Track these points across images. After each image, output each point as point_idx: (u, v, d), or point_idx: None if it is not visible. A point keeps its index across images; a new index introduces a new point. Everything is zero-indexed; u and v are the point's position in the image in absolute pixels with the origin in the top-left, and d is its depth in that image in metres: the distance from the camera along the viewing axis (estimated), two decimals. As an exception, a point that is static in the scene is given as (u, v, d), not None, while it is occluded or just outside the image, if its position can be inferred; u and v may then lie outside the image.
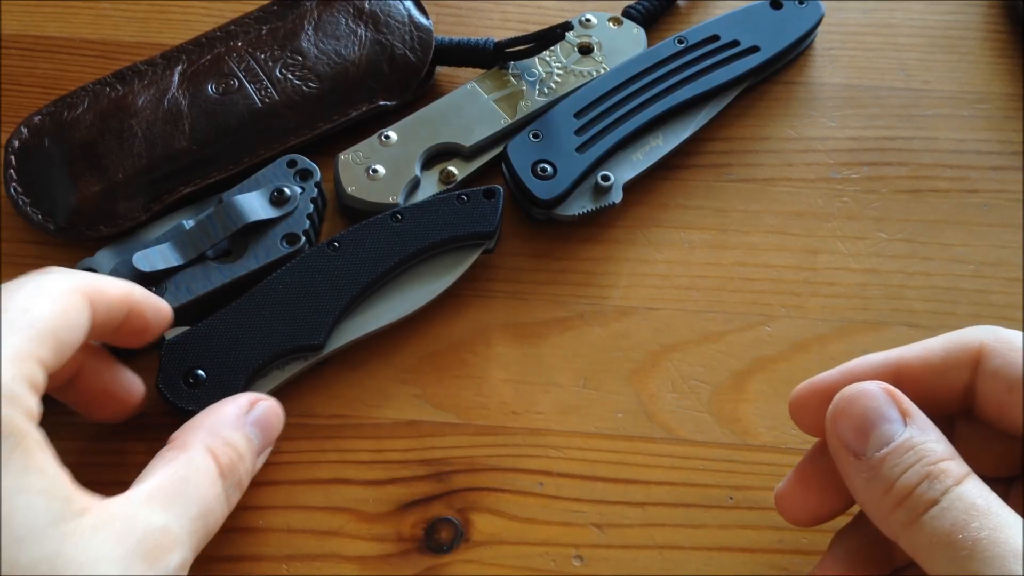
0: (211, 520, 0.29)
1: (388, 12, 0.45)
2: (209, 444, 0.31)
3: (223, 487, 0.30)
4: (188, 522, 0.28)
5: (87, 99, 0.43)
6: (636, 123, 0.43)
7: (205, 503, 0.29)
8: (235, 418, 0.32)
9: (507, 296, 0.41)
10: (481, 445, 0.38)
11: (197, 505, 0.29)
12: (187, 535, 0.28)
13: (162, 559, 0.27)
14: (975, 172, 0.44)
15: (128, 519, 0.27)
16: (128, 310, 0.32)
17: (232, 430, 0.32)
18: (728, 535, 0.36)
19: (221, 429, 0.32)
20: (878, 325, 0.40)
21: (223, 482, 0.30)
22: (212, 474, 0.30)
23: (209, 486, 0.30)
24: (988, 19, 0.49)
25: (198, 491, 0.29)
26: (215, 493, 0.30)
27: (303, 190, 0.41)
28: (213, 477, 0.30)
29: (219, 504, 0.30)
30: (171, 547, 0.27)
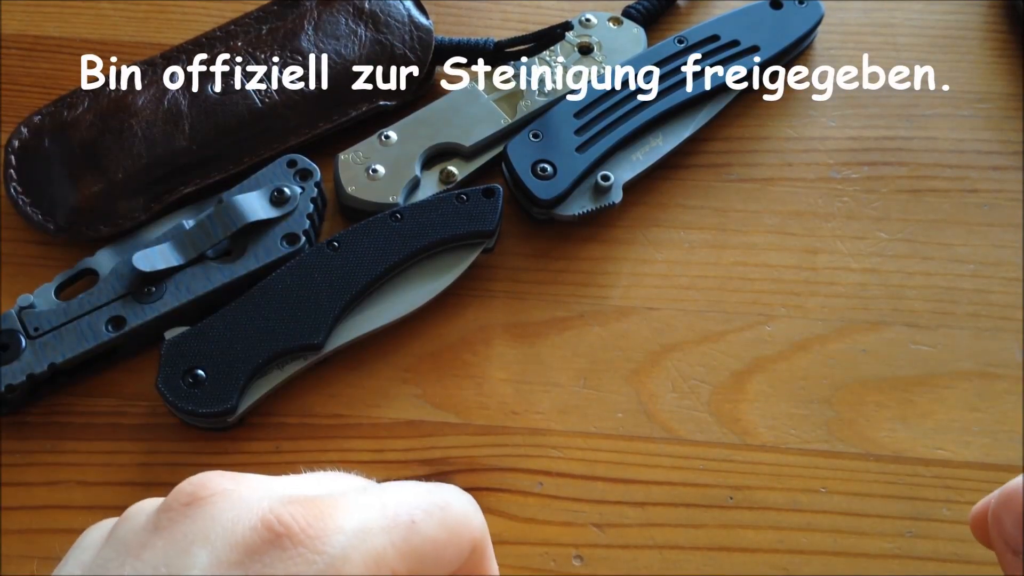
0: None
1: (388, 12, 0.45)
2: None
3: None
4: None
5: (87, 99, 0.43)
6: (636, 123, 0.42)
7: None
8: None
9: (507, 296, 0.41)
10: (481, 445, 0.38)
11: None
12: None
13: None
14: (975, 172, 0.44)
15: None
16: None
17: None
18: (728, 535, 0.36)
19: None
20: (878, 325, 0.40)
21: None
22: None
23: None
24: (988, 19, 0.49)
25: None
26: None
27: (303, 190, 0.41)
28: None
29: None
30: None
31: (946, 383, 0.39)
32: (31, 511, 0.36)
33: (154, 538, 0.21)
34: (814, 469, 0.37)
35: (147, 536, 0.21)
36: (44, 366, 0.37)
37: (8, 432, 0.38)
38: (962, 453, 0.37)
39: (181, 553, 0.20)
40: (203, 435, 0.38)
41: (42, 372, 0.37)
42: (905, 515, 0.36)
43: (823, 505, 0.36)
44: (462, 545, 0.23)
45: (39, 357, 0.37)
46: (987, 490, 0.36)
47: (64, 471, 0.37)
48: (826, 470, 0.37)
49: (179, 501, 0.21)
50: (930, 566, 0.35)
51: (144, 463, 0.37)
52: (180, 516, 0.21)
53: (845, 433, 0.38)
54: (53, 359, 0.37)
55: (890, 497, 0.37)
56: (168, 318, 0.38)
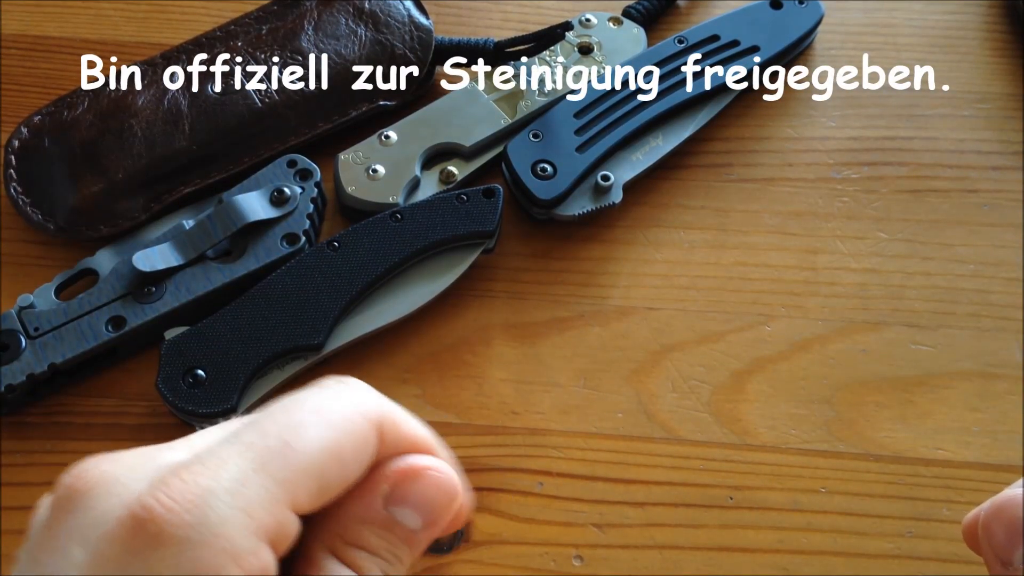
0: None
1: (388, 12, 0.45)
2: (334, 549, 0.22)
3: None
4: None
5: (87, 99, 0.43)
6: (636, 123, 0.42)
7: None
8: (364, 509, 0.22)
9: (507, 296, 0.41)
10: (481, 445, 0.38)
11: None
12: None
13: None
14: (975, 172, 0.44)
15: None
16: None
17: (362, 526, 0.22)
18: (728, 535, 0.36)
19: (345, 527, 0.22)
20: (878, 325, 0.40)
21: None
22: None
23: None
24: (988, 19, 0.49)
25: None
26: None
27: (303, 190, 0.41)
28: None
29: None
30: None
31: (946, 383, 0.39)
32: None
33: (43, 538, 0.21)
34: (814, 469, 0.37)
35: (40, 536, 0.21)
36: (44, 366, 0.37)
37: (8, 432, 0.38)
38: (962, 453, 0.37)
39: (61, 552, 0.20)
40: (203, 435, 0.38)
41: (42, 372, 0.37)
42: (905, 515, 0.36)
43: (823, 505, 0.36)
44: (360, 434, 0.21)
45: (39, 357, 0.37)
46: (987, 490, 0.36)
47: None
48: (826, 470, 0.37)
49: (59, 496, 0.21)
50: (930, 566, 0.35)
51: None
52: (60, 512, 0.21)
53: (845, 433, 0.38)
54: (53, 359, 0.37)
55: (890, 497, 0.37)
56: (168, 318, 0.38)
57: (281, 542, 0.20)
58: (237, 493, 0.19)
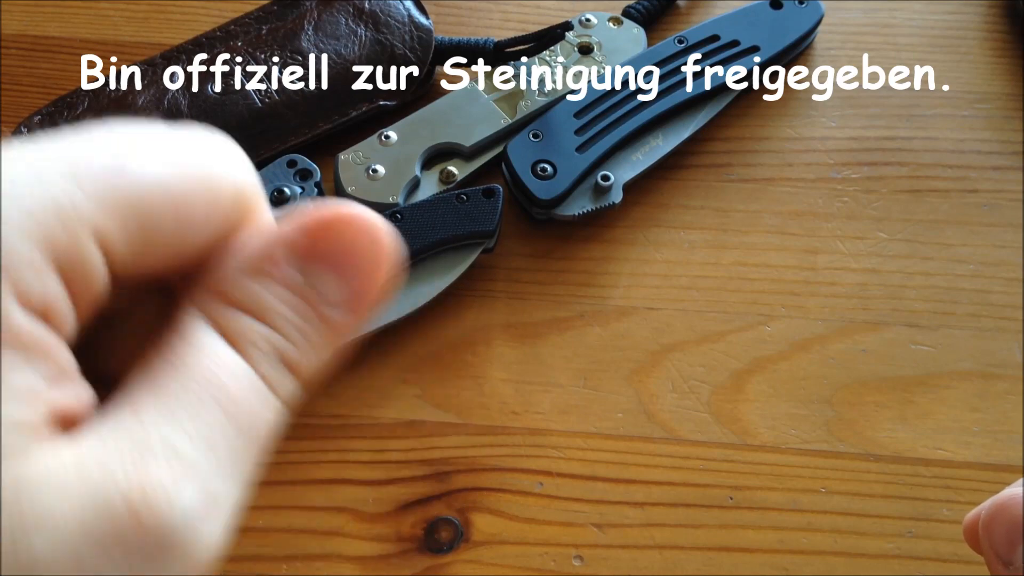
0: None
1: (388, 12, 0.45)
2: (211, 312, 0.16)
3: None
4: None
5: (87, 99, 0.43)
6: (636, 123, 0.42)
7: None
8: (260, 257, 0.16)
9: (507, 296, 0.41)
10: (481, 445, 0.38)
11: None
12: None
13: None
14: (975, 172, 0.44)
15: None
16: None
17: (254, 280, 0.16)
18: (728, 535, 0.36)
19: (232, 282, 0.16)
20: (878, 325, 0.40)
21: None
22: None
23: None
24: (988, 19, 0.49)
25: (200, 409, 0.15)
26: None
27: (303, 190, 0.41)
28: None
29: None
30: None
31: (946, 383, 0.39)
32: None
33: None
34: (814, 469, 0.37)
35: None
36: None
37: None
38: (962, 453, 0.37)
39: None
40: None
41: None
42: (905, 515, 0.36)
43: (823, 505, 0.36)
44: (218, 198, 0.16)
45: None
46: (987, 490, 0.36)
47: None
48: (826, 470, 0.37)
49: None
50: (930, 566, 0.35)
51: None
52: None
53: (845, 433, 0.38)
54: (53, 359, 0.37)
55: (890, 497, 0.37)
56: (168, 318, 0.38)
57: (80, 281, 0.14)
58: (26, 188, 0.14)
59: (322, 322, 0.16)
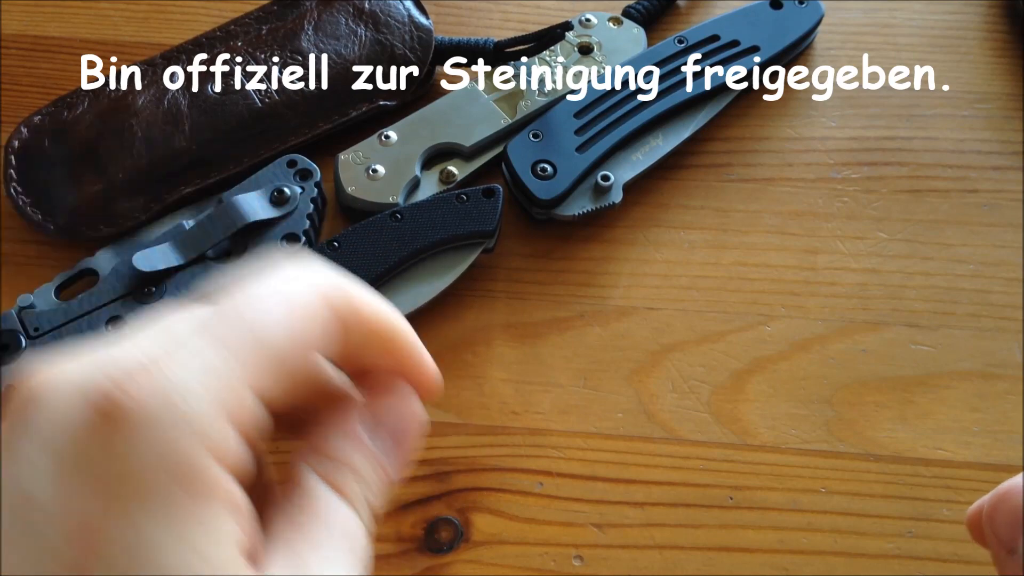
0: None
1: (388, 12, 0.45)
2: (326, 473, 0.21)
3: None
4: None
5: (87, 99, 0.43)
6: (636, 123, 0.42)
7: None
8: (350, 429, 0.22)
9: (507, 296, 0.41)
10: (481, 445, 0.38)
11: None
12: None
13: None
14: (975, 172, 0.44)
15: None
16: (387, 350, 0.23)
17: (350, 446, 0.22)
18: (728, 535, 0.36)
19: (336, 448, 0.22)
20: (878, 325, 0.40)
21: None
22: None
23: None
24: (988, 19, 0.49)
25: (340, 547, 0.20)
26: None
27: (303, 190, 0.41)
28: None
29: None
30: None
31: (946, 383, 0.39)
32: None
33: (5, 453, 0.18)
34: (814, 469, 0.37)
35: (3, 451, 0.19)
36: (44, 366, 0.37)
37: (8, 432, 0.38)
38: (962, 453, 0.37)
39: (24, 462, 0.18)
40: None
41: (42, 372, 0.36)
42: (905, 515, 0.36)
43: (823, 505, 0.36)
44: (321, 318, 0.20)
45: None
46: (987, 490, 0.36)
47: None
48: (826, 470, 0.37)
49: (10, 408, 0.19)
50: (930, 566, 0.35)
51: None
52: (13, 428, 0.19)
53: (845, 433, 0.38)
54: (53, 359, 0.37)
55: (890, 497, 0.37)
56: (168, 318, 0.38)
57: (251, 431, 0.19)
58: (200, 373, 0.18)
59: (384, 475, 0.21)
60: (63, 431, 0.18)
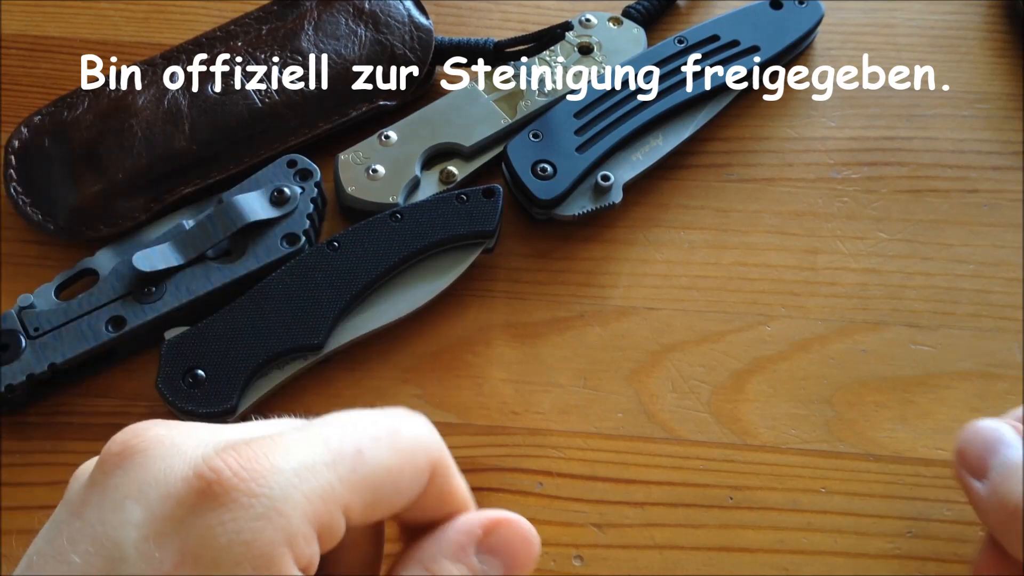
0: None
1: (388, 12, 0.45)
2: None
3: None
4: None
5: (87, 99, 0.43)
6: (636, 123, 0.42)
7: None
8: (457, 545, 0.23)
9: (507, 296, 0.41)
10: (481, 445, 0.38)
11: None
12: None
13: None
14: (975, 172, 0.44)
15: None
16: (451, 508, 0.25)
17: (452, 563, 0.23)
18: (728, 535, 0.36)
19: (437, 560, 0.23)
20: (878, 325, 0.40)
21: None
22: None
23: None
24: (988, 19, 0.49)
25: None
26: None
27: (303, 190, 0.41)
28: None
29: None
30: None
31: (946, 383, 0.39)
32: (31, 511, 0.36)
33: (91, 495, 0.20)
34: (814, 469, 0.37)
35: (87, 493, 0.20)
36: (44, 366, 0.37)
37: (8, 432, 0.38)
38: (962, 453, 0.37)
39: (115, 508, 0.19)
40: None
41: (42, 372, 0.37)
42: (905, 515, 0.36)
43: (823, 505, 0.36)
44: (418, 467, 0.22)
45: (39, 357, 0.37)
46: (987, 490, 0.36)
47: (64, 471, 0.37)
48: (826, 470, 0.37)
49: (112, 453, 0.21)
50: (930, 566, 0.35)
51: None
52: (113, 468, 0.20)
53: (845, 433, 0.38)
54: (53, 359, 0.37)
55: (890, 497, 0.37)
56: (168, 318, 0.38)
57: (328, 541, 0.20)
58: (304, 478, 0.20)
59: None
60: (162, 490, 0.19)
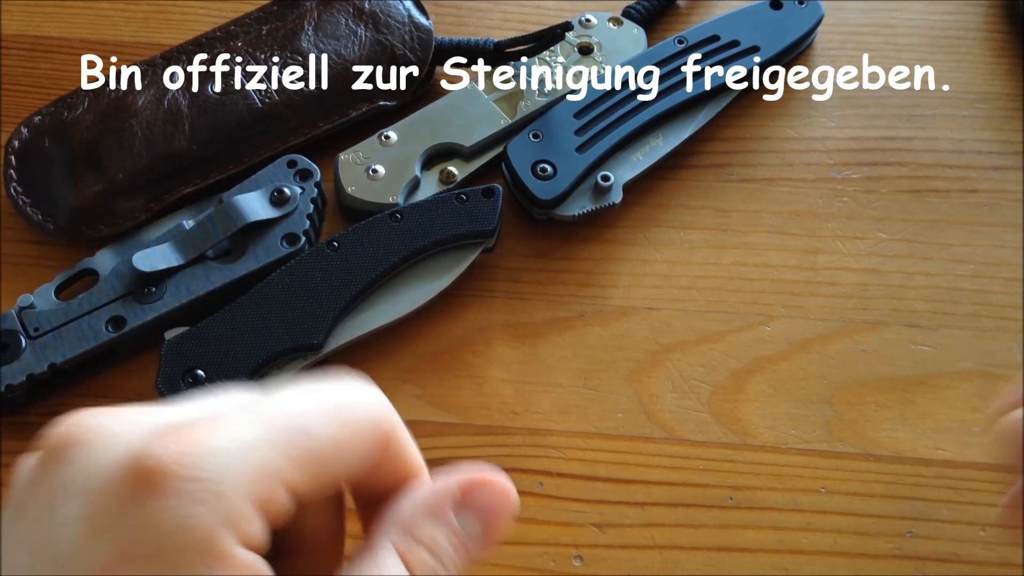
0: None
1: (388, 12, 0.45)
2: (398, 543, 0.22)
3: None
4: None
5: (87, 99, 0.43)
6: (636, 123, 0.42)
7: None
8: (435, 504, 0.23)
9: (507, 296, 0.41)
10: (481, 445, 0.38)
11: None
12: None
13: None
14: (975, 172, 0.44)
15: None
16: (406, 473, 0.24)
17: (431, 522, 0.22)
18: (728, 535, 0.36)
19: (415, 521, 0.22)
20: (878, 325, 0.40)
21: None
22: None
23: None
24: (988, 19, 0.49)
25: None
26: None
27: (303, 190, 0.41)
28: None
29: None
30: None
31: (946, 383, 0.39)
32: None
33: (32, 492, 0.20)
34: (814, 469, 0.37)
35: (28, 490, 0.20)
36: (44, 366, 0.37)
37: (8, 432, 0.38)
38: (963, 453, 0.37)
39: (54, 507, 0.19)
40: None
41: (42, 372, 0.37)
42: (905, 515, 0.36)
43: (823, 505, 0.36)
44: (367, 438, 0.22)
45: (39, 357, 0.37)
46: (987, 490, 0.36)
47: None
48: (826, 470, 0.37)
49: (51, 447, 0.20)
50: (930, 566, 0.35)
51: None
52: (52, 464, 0.20)
53: (845, 433, 0.38)
54: (53, 359, 0.37)
55: (890, 497, 0.37)
56: (168, 318, 0.38)
57: (274, 519, 0.20)
58: (244, 459, 0.19)
59: (466, 553, 0.22)
60: (98, 483, 0.19)
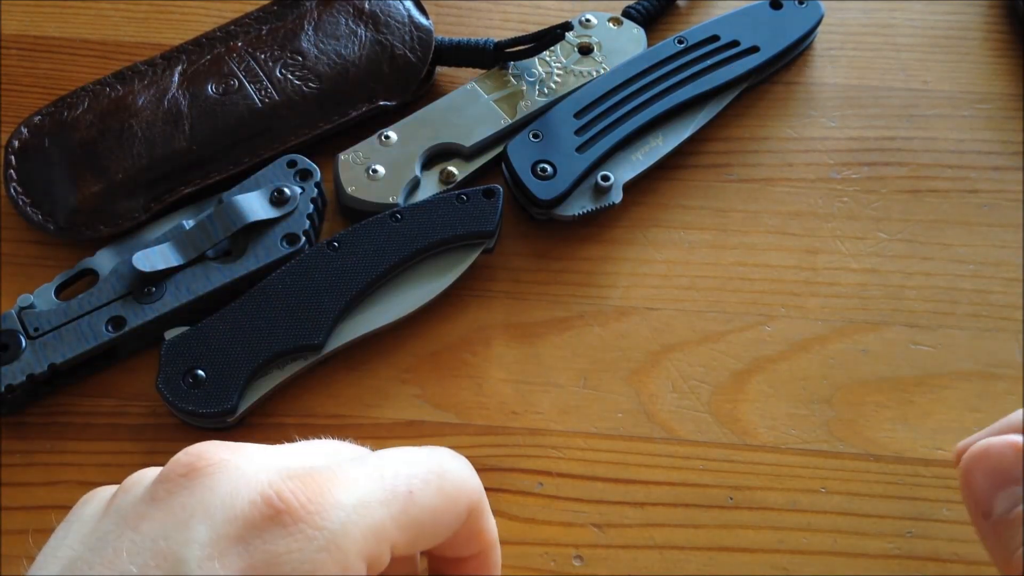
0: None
1: (388, 12, 0.45)
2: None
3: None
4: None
5: (87, 99, 0.43)
6: (636, 123, 0.42)
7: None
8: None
9: (507, 296, 0.41)
10: (481, 445, 0.38)
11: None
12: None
13: None
14: (975, 172, 0.44)
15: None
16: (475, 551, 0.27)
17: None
18: (728, 535, 0.36)
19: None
20: (878, 325, 0.40)
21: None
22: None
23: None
24: (988, 19, 0.49)
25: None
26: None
27: (303, 190, 0.41)
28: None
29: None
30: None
31: (946, 383, 0.39)
32: (31, 511, 0.36)
33: (152, 509, 0.21)
34: (814, 469, 0.37)
35: (145, 507, 0.21)
36: (44, 366, 0.37)
37: (8, 432, 0.38)
38: (962, 453, 0.37)
39: (180, 526, 0.20)
40: (203, 435, 0.37)
41: (42, 372, 0.37)
42: (905, 515, 0.36)
43: (823, 505, 0.36)
44: (459, 510, 0.24)
45: (39, 357, 0.37)
46: (987, 490, 0.36)
47: (64, 471, 0.37)
48: (826, 470, 0.37)
49: (176, 472, 0.21)
50: (930, 566, 0.35)
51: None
52: (178, 487, 0.21)
53: (845, 433, 0.38)
54: (53, 359, 0.37)
55: (890, 497, 0.37)
56: (168, 318, 0.38)
57: (374, 572, 0.21)
58: (362, 515, 0.21)
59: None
60: (230, 513, 0.20)
